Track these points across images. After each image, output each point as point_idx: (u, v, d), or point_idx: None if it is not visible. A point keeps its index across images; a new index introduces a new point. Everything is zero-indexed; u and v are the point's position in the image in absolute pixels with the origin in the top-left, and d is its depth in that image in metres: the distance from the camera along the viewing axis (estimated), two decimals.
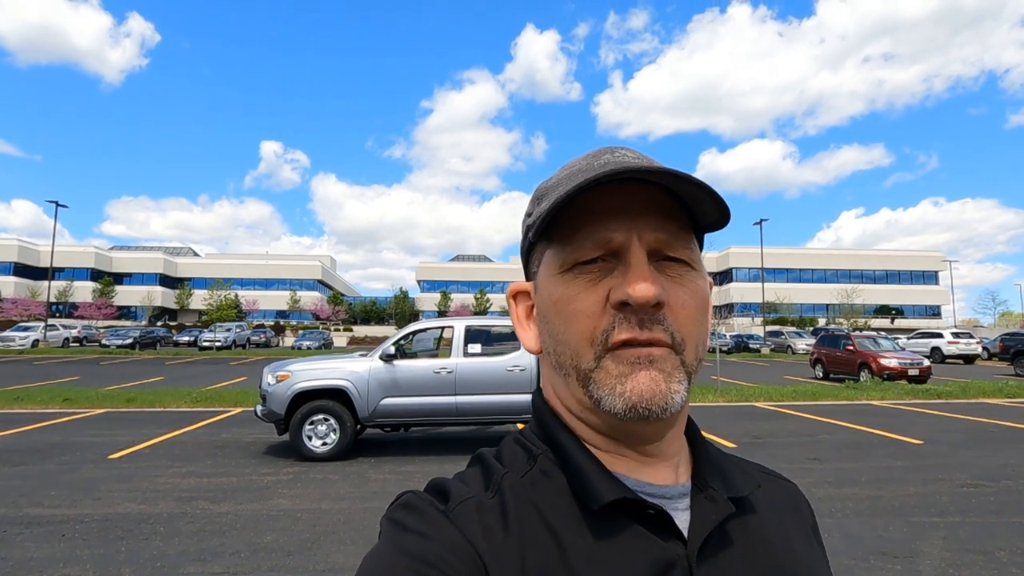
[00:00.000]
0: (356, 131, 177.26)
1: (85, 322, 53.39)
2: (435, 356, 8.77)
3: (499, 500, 0.58)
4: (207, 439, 9.45)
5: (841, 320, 54.76)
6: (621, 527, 0.56)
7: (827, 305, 72.02)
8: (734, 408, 13.15)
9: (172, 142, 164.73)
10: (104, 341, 40.27)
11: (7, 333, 38.14)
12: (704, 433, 0.67)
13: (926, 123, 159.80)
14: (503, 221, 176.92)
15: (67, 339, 41.35)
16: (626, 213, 0.58)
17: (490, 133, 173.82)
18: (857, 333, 23.55)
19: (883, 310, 71.88)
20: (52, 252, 44.94)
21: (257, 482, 6.79)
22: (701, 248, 0.66)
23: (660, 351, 0.56)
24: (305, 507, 5.82)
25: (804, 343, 39.06)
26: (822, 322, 65.06)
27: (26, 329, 39.18)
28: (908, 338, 34.19)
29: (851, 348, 20.51)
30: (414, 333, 8.80)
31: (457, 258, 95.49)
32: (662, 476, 0.61)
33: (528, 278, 0.69)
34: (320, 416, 7.86)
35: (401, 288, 71.26)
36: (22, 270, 69.42)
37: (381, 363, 8.03)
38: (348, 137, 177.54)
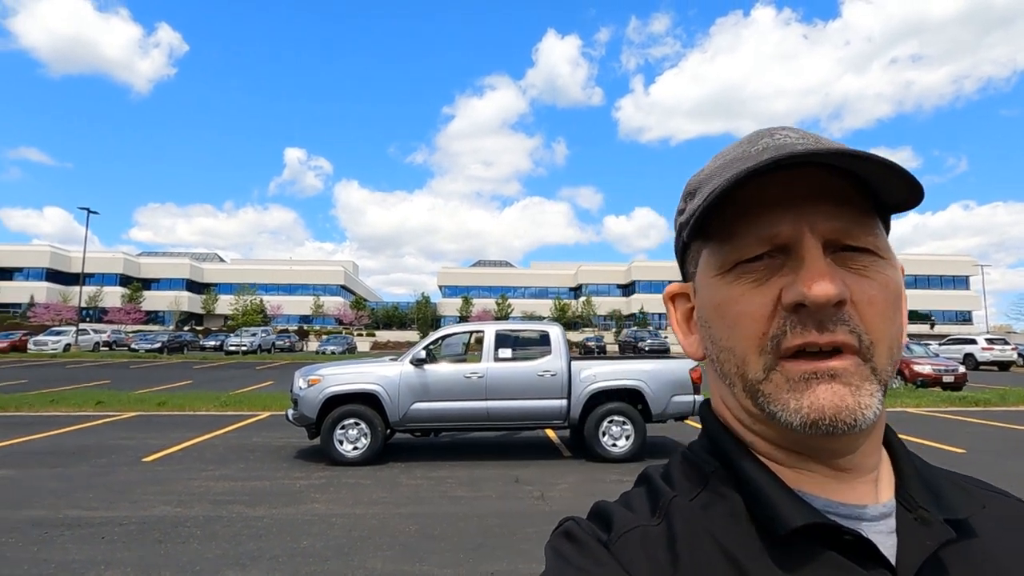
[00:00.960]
0: (378, 138, 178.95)
1: (115, 326, 54.34)
2: (464, 361, 8.72)
3: (666, 527, 0.52)
4: (238, 443, 9.49)
5: None
6: (813, 556, 0.48)
7: None
8: None
9: (198, 150, 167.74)
10: (133, 345, 40.91)
11: (40, 337, 38.93)
12: None
13: (956, 125, 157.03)
14: (523, 226, 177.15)
15: (97, 343, 42.09)
16: (792, 202, 0.51)
17: (511, 139, 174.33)
18: None
19: (912, 316, 70.52)
20: (84, 258, 45.83)
21: (290, 486, 6.78)
22: (888, 232, 0.58)
23: (843, 363, 0.48)
24: (339, 512, 5.79)
25: None
26: None
27: (58, 333, 39.96)
28: (940, 344, 33.44)
29: None
30: (444, 337, 8.76)
31: (478, 263, 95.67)
32: (859, 494, 0.53)
33: (685, 279, 0.63)
34: (351, 420, 7.85)
35: (423, 293, 71.59)
36: (54, 275, 70.89)
37: (412, 368, 8.00)
38: (370, 144, 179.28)
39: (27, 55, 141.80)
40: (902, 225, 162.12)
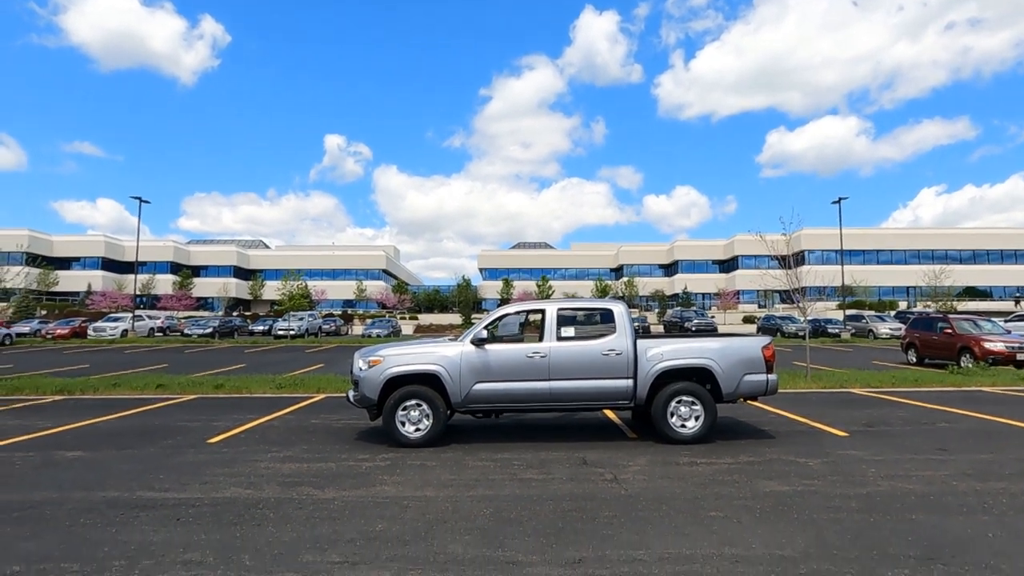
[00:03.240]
0: (416, 122, 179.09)
1: (167, 313, 55.96)
2: (522, 341, 8.51)
3: None
4: (298, 424, 9.51)
5: (928, 302, 51.71)
6: None
7: (907, 288, 68.34)
8: (830, 395, 12.42)
9: (241, 139, 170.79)
10: (186, 331, 42.04)
11: (99, 323, 40.30)
12: (810, 421, 0.33)
13: (1017, 92, 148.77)
14: (562, 208, 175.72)
15: (152, 329, 43.39)
16: None
17: (549, 119, 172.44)
18: (955, 316, 22.05)
19: (969, 291, 67.60)
20: (137, 247, 47.11)
21: (356, 468, 6.70)
22: None
23: None
24: (410, 494, 5.67)
25: (887, 327, 37.14)
26: (903, 305, 61.78)
27: (116, 320, 41.29)
28: (1006, 320, 31.92)
29: (949, 331, 19.20)
30: (503, 317, 8.55)
31: (518, 245, 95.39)
32: None
33: None
34: (413, 402, 7.73)
35: (464, 276, 71.71)
36: (109, 264, 73.37)
37: (472, 348, 7.82)
38: (409, 128, 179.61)
39: (78, 51, 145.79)
40: (957, 199, 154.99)
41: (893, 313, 48.14)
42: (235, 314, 61.56)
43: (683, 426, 7.76)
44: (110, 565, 4.06)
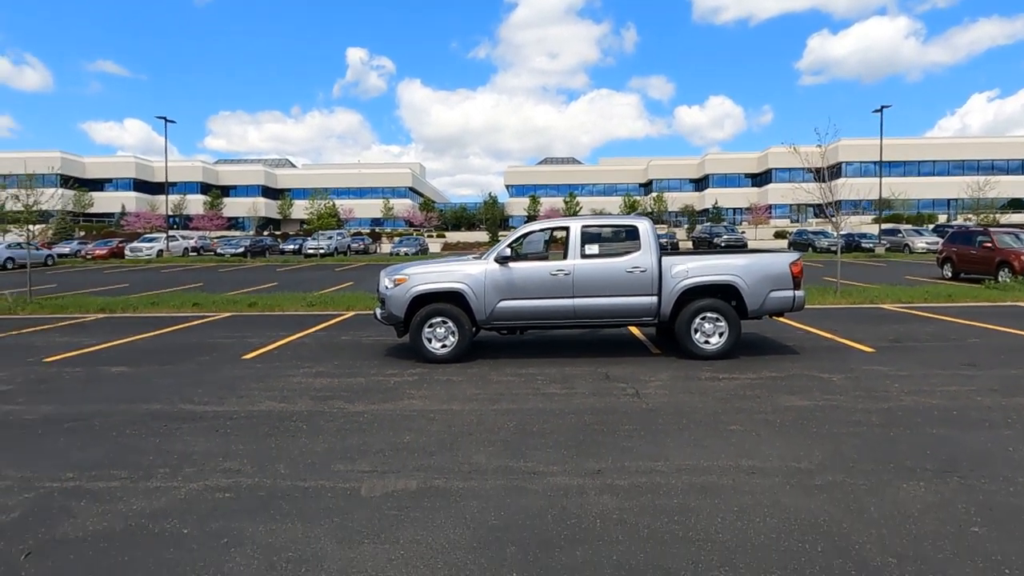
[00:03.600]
0: (440, 33, 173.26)
1: (200, 233, 56.96)
2: (547, 258, 8.50)
3: None
4: (328, 341, 9.78)
5: (969, 215, 49.95)
6: None
7: (949, 200, 65.95)
8: (859, 310, 12.29)
9: (263, 55, 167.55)
10: (218, 250, 42.87)
11: (135, 244, 41.26)
12: (836, 337, 0.28)
13: None
14: (591, 121, 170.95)
15: (186, 249, 44.31)
16: None
17: (577, 26, 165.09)
18: (996, 229, 21.32)
19: (1014, 204, 64.99)
20: (166, 166, 47.44)
21: (384, 383, 6.92)
22: None
23: None
24: (436, 408, 5.86)
25: (924, 242, 36.15)
26: (942, 219, 59.82)
27: (151, 240, 42.22)
28: None
29: (989, 245, 18.61)
30: (527, 235, 8.51)
31: (545, 161, 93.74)
32: None
33: None
34: (439, 319, 7.86)
35: (490, 193, 71.08)
36: (141, 185, 74.27)
37: (496, 266, 7.84)
38: (432, 40, 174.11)
39: None
40: (1010, 105, 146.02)
41: (931, 227, 46.78)
42: (266, 233, 62.41)
43: (707, 342, 7.79)
44: (155, 472, 4.32)
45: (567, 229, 8.11)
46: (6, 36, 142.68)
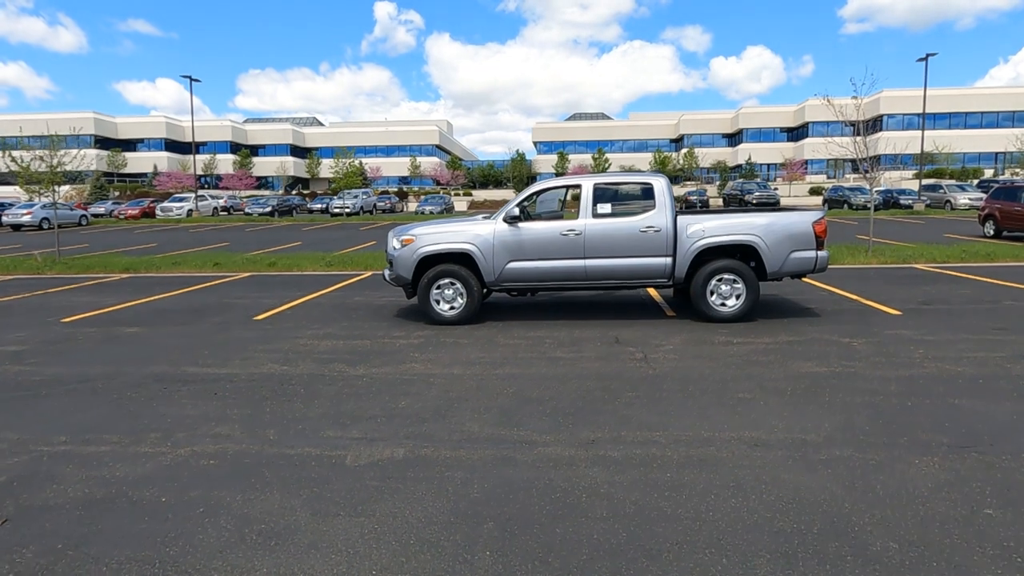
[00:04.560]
0: None
1: (230, 192, 57.50)
2: (560, 218, 8.24)
3: None
4: (341, 302, 9.74)
5: (1017, 170, 47.69)
6: None
7: (996, 154, 63.03)
8: (890, 271, 11.79)
9: (291, 11, 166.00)
10: (247, 210, 43.26)
11: (166, 204, 41.84)
12: (861, 299, 0.18)
13: None
14: (623, 75, 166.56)
15: (216, 208, 44.81)
16: None
17: None
18: None
19: None
20: (192, 126, 47.66)
21: (390, 345, 6.83)
22: None
23: None
24: (437, 372, 5.75)
25: (967, 198, 34.56)
26: (989, 173, 57.26)
27: (181, 200, 42.74)
28: None
29: None
30: (538, 193, 8.25)
31: (574, 116, 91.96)
32: None
33: None
34: (447, 280, 7.71)
35: (518, 151, 70.20)
36: (172, 145, 75.00)
37: (505, 226, 7.62)
38: None
39: None
40: None
41: (976, 182, 44.76)
42: (294, 192, 62.78)
43: (723, 305, 7.52)
44: (146, 437, 4.30)
45: (579, 187, 7.82)
46: None
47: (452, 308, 7.78)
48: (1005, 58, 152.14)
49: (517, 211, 7.65)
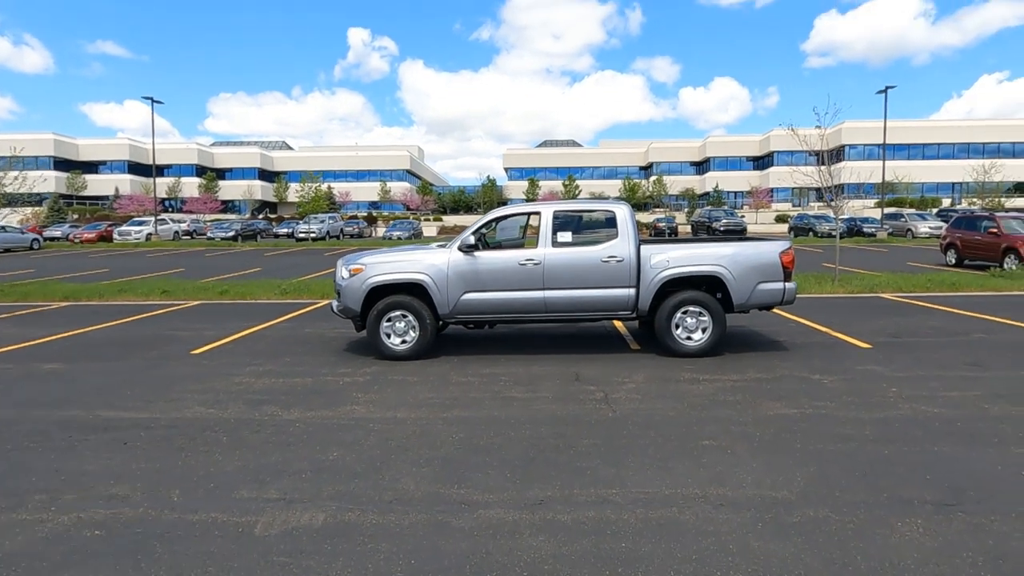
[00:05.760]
0: (442, 14, 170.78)
1: (193, 216, 56.22)
2: (521, 247, 7.86)
3: None
4: (290, 333, 9.18)
5: (973, 199, 49.00)
6: None
7: (953, 184, 64.87)
8: (857, 300, 11.64)
9: (263, 36, 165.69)
10: (209, 234, 42.21)
11: (124, 227, 40.61)
12: (830, 331, 0.18)
13: None
14: (595, 103, 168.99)
15: (177, 232, 43.68)
16: None
17: (582, 7, 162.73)
18: (1002, 214, 20.60)
19: (1020, 187, 63.86)
20: (153, 148, 46.67)
21: (332, 384, 6.31)
22: None
23: None
24: (379, 416, 5.25)
25: (927, 226, 35.34)
26: (946, 203, 58.83)
27: (140, 223, 41.55)
28: None
29: (995, 231, 17.88)
30: (497, 220, 7.87)
31: (545, 144, 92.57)
32: None
33: None
34: (398, 312, 7.24)
35: (488, 176, 70.17)
36: (135, 168, 73.33)
37: (461, 255, 7.20)
38: (435, 21, 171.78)
39: None
40: (1018, 87, 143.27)
41: (935, 211, 45.88)
42: (260, 216, 61.66)
43: (689, 338, 7.16)
44: (29, 500, 3.72)
45: (538, 215, 7.46)
46: (5, 16, 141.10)
47: (404, 342, 7.29)
48: (959, 92, 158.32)
49: (473, 239, 7.24)
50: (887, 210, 42.68)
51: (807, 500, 3.55)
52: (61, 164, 69.05)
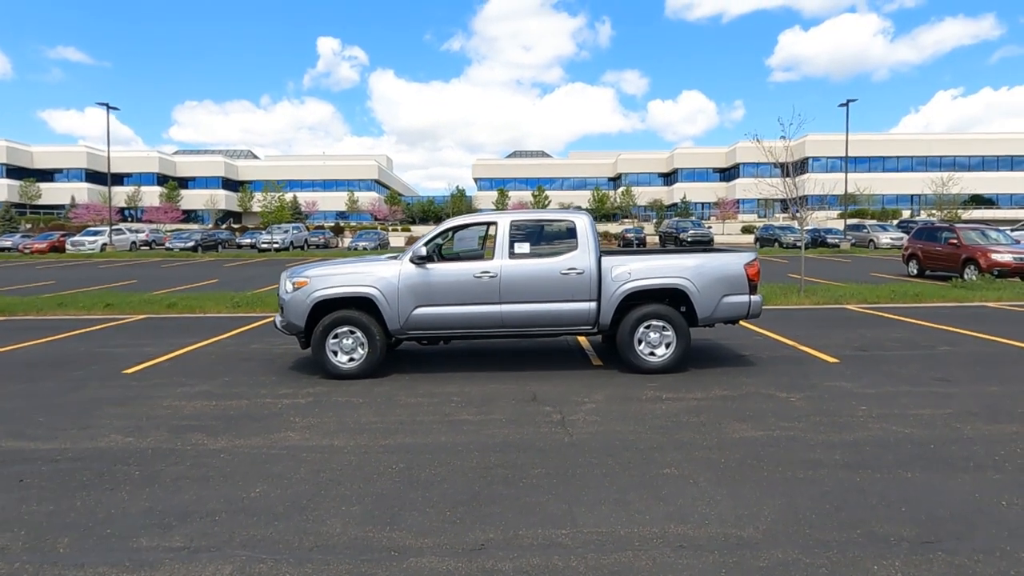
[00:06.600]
0: (413, 24, 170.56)
1: (152, 225, 54.66)
2: (480, 258, 7.48)
3: None
4: (235, 350, 8.64)
5: (933, 211, 50.18)
6: None
7: (913, 196, 66.51)
8: (823, 312, 11.51)
9: (230, 43, 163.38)
10: (168, 244, 40.99)
11: (77, 237, 39.18)
12: (797, 345, 0.18)
13: None
14: (565, 115, 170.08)
15: (134, 243, 42.30)
16: None
17: (553, 19, 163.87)
18: (961, 225, 20.91)
19: (976, 199, 65.76)
20: (108, 155, 45.29)
21: (270, 407, 5.83)
22: None
23: None
24: (314, 444, 4.80)
25: (888, 237, 36.06)
26: (906, 214, 60.26)
27: (95, 233, 40.14)
28: (1012, 230, 30.71)
29: (955, 242, 18.09)
30: (453, 230, 7.50)
31: (515, 154, 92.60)
32: None
33: None
34: (345, 328, 6.79)
35: (457, 186, 69.86)
36: (93, 176, 71.19)
37: (413, 267, 6.79)
38: (405, 31, 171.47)
39: None
40: (972, 104, 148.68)
41: (896, 222, 46.86)
42: (223, 226, 60.29)
43: (652, 354, 6.85)
44: None
45: (494, 225, 7.10)
46: None
47: (351, 360, 6.84)
48: (916, 108, 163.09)
49: (425, 251, 6.84)
50: (850, 221, 43.42)
51: (775, 540, 3.21)
52: (14, 172, 66.84)
